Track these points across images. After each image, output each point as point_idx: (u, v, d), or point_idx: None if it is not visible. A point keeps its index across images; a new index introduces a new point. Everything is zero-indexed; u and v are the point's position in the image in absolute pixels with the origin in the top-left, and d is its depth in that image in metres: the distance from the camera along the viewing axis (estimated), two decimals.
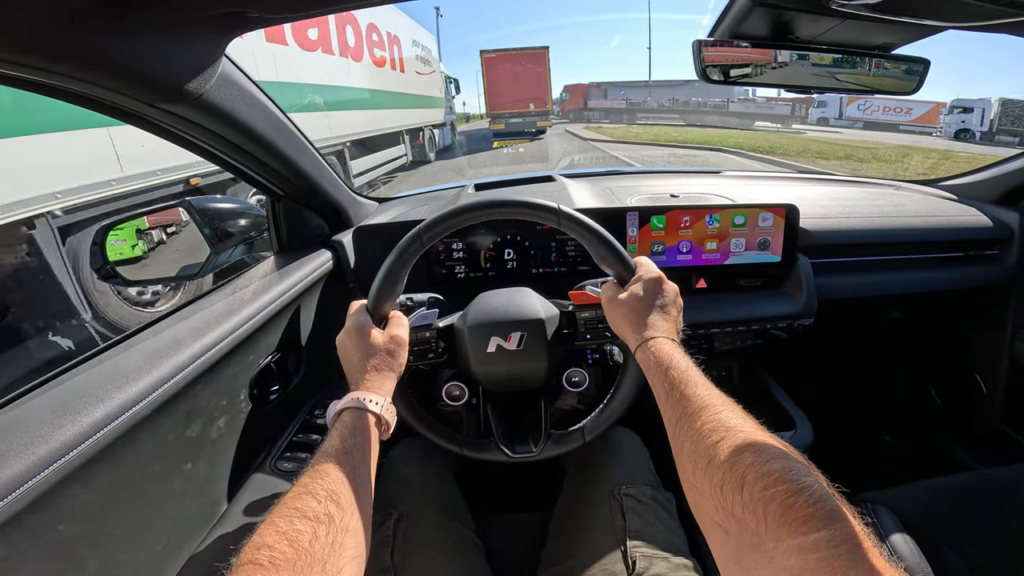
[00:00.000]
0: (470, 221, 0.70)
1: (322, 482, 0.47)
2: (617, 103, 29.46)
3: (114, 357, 0.65)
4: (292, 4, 0.55)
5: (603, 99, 29.64)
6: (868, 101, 19.92)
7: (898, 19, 0.66)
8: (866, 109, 20.55)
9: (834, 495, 0.36)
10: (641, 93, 29.19)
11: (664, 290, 0.65)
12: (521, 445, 0.78)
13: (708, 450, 0.43)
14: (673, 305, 0.65)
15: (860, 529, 0.33)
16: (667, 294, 0.65)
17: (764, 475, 0.37)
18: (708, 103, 26.79)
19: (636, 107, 28.96)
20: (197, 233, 0.95)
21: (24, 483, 0.45)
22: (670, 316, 0.63)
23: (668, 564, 0.67)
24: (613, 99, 29.57)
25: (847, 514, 0.34)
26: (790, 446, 0.41)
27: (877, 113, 20.45)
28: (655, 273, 0.67)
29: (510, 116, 15.96)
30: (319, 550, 0.40)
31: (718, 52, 0.73)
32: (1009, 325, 1.31)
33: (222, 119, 0.70)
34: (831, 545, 0.32)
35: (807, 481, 0.36)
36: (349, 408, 0.57)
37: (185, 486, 0.68)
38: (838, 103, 21.68)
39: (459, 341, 0.79)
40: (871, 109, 20.44)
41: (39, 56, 0.45)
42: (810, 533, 0.33)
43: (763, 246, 1.09)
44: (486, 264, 1.12)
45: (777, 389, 1.21)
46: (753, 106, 24.79)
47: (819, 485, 0.36)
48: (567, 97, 30.57)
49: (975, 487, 0.96)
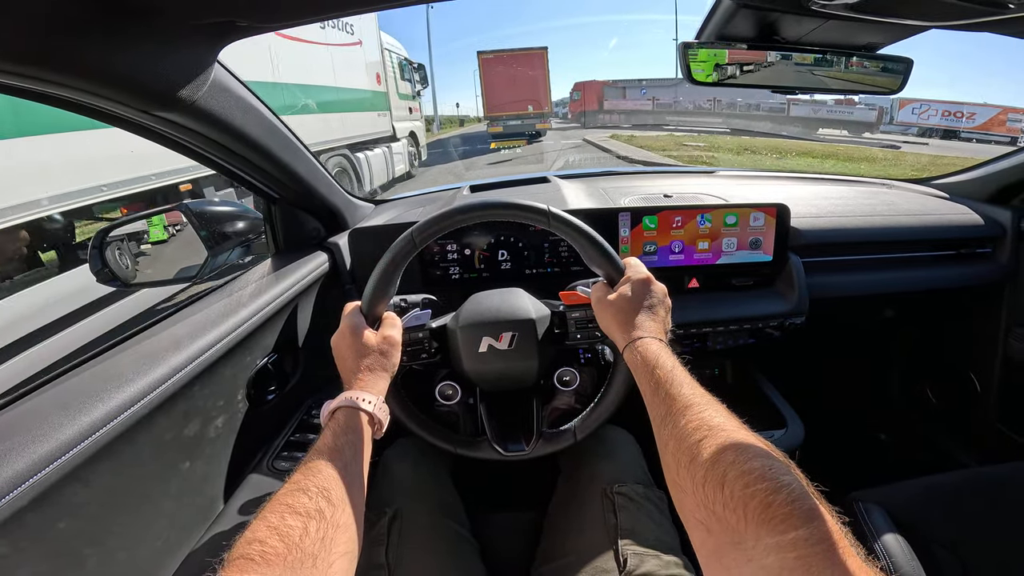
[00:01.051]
0: (461, 223, 0.72)
1: (314, 479, 0.47)
2: (640, 103, 23.45)
3: (113, 357, 0.66)
4: (281, 13, 0.56)
5: (621, 99, 23.80)
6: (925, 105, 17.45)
7: (878, 19, 0.67)
8: (922, 114, 17.68)
9: (813, 494, 0.36)
10: (669, 92, 22.82)
11: (652, 291, 0.66)
12: (513, 444, 0.79)
13: (691, 448, 0.43)
14: (661, 305, 0.66)
15: (838, 528, 0.34)
16: (655, 294, 0.66)
17: (745, 473, 0.38)
18: (762, 105, 20.73)
19: (666, 108, 22.84)
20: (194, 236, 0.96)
21: (26, 480, 0.45)
22: (658, 316, 0.64)
23: (659, 562, 0.68)
24: (635, 99, 23.61)
25: (825, 513, 0.34)
26: (772, 445, 0.42)
27: (935, 118, 17.51)
28: (643, 274, 0.68)
29: (508, 118, 15.45)
30: (309, 545, 0.41)
31: (703, 54, 0.74)
32: (1003, 323, 1.32)
33: (216, 124, 0.71)
34: (809, 544, 0.32)
35: (786, 480, 0.36)
36: (342, 407, 0.58)
37: (183, 485, 0.68)
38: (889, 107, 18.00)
39: (451, 341, 0.80)
40: (928, 114, 17.57)
41: (34, 65, 0.46)
42: (788, 532, 0.33)
43: (755, 245, 1.10)
44: (480, 265, 1.13)
45: (770, 388, 1.21)
46: (824, 110, 18.94)
47: (798, 484, 0.36)
48: (578, 97, 25.09)
49: (969, 485, 0.96)
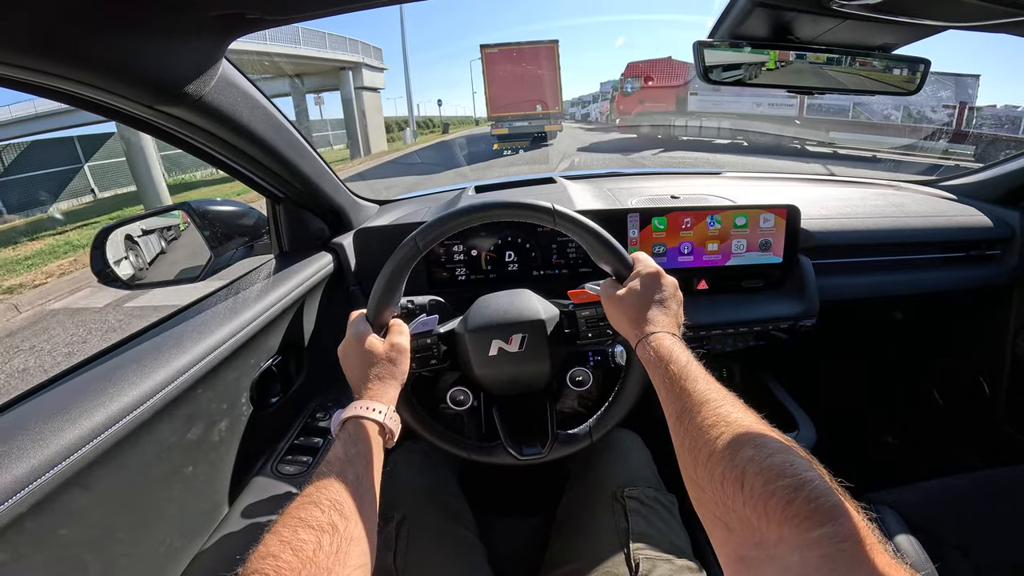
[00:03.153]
0: (465, 225, 0.70)
1: (326, 492, 0.47)
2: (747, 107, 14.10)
3: (115, 360, 0.64)
4: (292, 6, 0.55)
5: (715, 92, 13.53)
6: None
7: (898, 19, 0.66)
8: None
9: (836, 490, 0.35)
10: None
11: (663, 284, 0.64)
12: (528, 447, 0.78)
13: (708, 445, 0.42)
14: (672, 299, 0.64)
15: (864, 525, 0.32)
16: (666, 288, 0.64)
17: (765, 470, 0.36)
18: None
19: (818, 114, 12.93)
20: (198, 236, 0.94)
21: (26, 486, 0.44)
22: (670, 310, 0.63)
23: (671, 567, 0.67)
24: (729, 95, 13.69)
25: (850, 510, 0.33)
26: (792, 440, 0.40)
27: None
28: (653, 267, 0.66)
29: (514, 119, 13.87)
30: (323, 559, 0.40)
31: (719, 53, 0.73)
32: (1011, 325, 1.31)
33: (222, 121, 0.70)
34: (833, 542, 0.31)
35: (808, 476, 0.35)
36: (352, 418, 0.57)
37: (186, 489, 0.67)
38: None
39: (460, 346, 0.79)
40: None
41: (38, 59, 0.45)
42: (812, 529, 0.32)
43: (764, 247, 1.09)
44: (487, 266, 1.11)
45: (780, 390, 1.21)
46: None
47: (821, 480, 0.35)
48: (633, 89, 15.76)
49: (979, 488, 0.96)
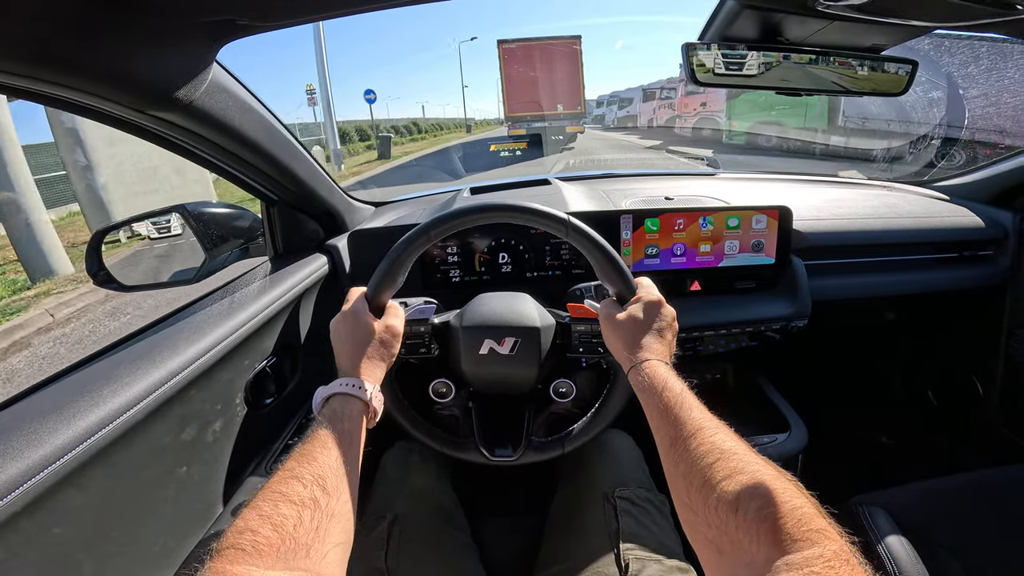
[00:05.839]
0: (479, 222, 0.70)
1: (308, 467, 0.47)
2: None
3: (110, 360, 0.65)
4: (281, 12, 0.56)
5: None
6: None
7: (885, 20, 0.66)
8: None
9: (822, 515, 0.38)
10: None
11: (662, 313, 0.66)
12: (500, 448, 0.78)
13: (703, 472, 0.44)
14: (669, 329, 0.66)
15: (847, 548, 0.35)
16: (664, 318, 0.66)
17: (757, 496, 0.39)
18: None
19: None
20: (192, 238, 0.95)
21: (20, 486, 0.45)
22: (665, 340, 0.64)
23: (661, 567, 0.67)
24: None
25: (835, 533, 0.36)
26: (781, 469, 0.44)
27: None
28: (655, 296, 0.68)
29: (533, 119, 12.58)
30: (303, 535, 0.40)
31: (707, 55, 0.74)
32: (1004, 326, 1.31)
33: (214, 125, 0.70)
34: (821, 561, 0.33)
35: (797, 503, 0.38)
36: (338, 394, 0.57)
37: (180, 490, 0.67)
38: None
39: (452, 339, 0.80)
40: None
41: (28, 64, 0.45)
42: (801, 551, 0.34)
43: (757, 248, 1.09)
44: (481, 268, 1.12)
45: (772, 391, 1.21)
46: None
47: (809, 506, 0.38)
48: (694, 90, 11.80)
49: (972, 489, 0.96)
